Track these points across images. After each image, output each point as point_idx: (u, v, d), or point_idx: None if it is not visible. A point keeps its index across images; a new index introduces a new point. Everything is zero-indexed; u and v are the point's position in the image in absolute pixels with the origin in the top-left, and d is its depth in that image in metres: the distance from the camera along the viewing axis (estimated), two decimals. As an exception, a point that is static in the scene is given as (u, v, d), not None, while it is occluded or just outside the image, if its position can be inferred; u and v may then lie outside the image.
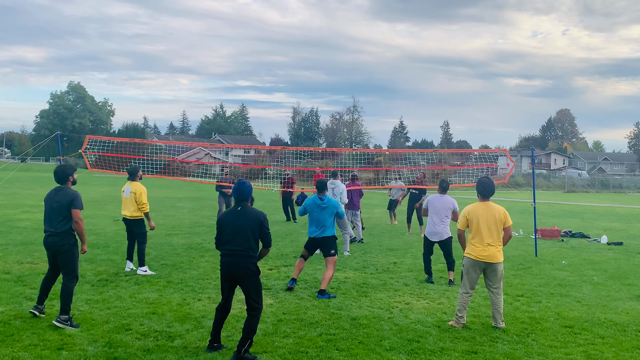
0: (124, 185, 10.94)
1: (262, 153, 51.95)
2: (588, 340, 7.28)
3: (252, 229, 6.42)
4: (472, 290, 7.83)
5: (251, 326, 6.31)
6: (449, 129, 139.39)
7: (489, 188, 7.87)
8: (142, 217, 10.64)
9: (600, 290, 10.28)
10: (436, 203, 10.64)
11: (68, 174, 7.54)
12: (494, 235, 7.67)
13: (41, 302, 7.52)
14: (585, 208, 33.29)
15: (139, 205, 10.50)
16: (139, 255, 10.50)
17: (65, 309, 7.16)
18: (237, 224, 6.44)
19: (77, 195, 7.41)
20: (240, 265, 6.37)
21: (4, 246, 12.81)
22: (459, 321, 7.70)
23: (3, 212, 20.01)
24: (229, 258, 6.43)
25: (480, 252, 7.67)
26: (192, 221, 19.26)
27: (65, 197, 7.34)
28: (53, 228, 7.33)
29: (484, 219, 7.70)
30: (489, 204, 7.82)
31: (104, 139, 16.02)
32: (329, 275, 9.33)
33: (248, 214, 6.48)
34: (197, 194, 33.71)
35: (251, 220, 6.44)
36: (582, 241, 17.21)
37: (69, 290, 7.26)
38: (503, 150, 17.06)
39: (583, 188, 59.85)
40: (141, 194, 10.53)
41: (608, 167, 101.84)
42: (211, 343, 6.47)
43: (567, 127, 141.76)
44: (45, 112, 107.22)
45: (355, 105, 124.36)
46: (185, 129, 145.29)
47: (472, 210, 7.83)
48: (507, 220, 7.79)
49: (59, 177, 7.51)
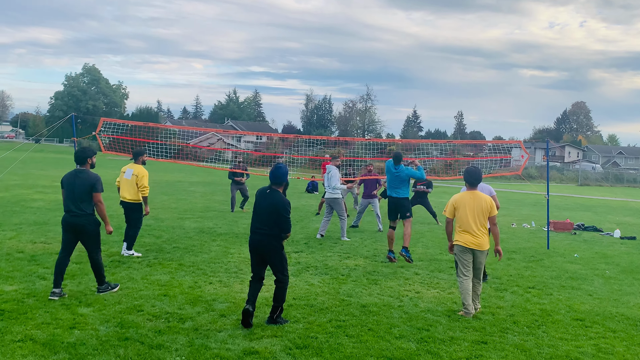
0: (125, 166, 10.81)
1: (274, 140, 51.98)
2: (599, 333, 7.24)
3: (271, 213, 6.88)
4: (470, 274, 7.79)
5: (280, 295, 6.94)
6: (463, 120, 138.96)
7: (475, 176, 7.98)
8: (141, 201, 10.51)
9: (612, 284, 10.22)
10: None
11: (87, 156, 7.85)
12: (480, 224, 7.77)
13: (58, 285, 7.56)
14: (598, 202, 33.06)
15: (140, 188, 10.34)
16: (131, 239, 10.41)
17: (101, 279, 7.77)
18: (261, 205, 7.00)
19: (98, 179, 7.71)
20: (265, 243, 6.93)
21: (18, 226, 12.93)
22: (468, 310, 7.67)
23: (17, 192, 20.19)
24: (255, 236, 7.01)
25: (468, 239, 7.76)
26: (204, 205, 19.33)
27: (87, 180, 7.62)
28: (78, 209, 7.56)
29: (470, 207, 7.79)
30: (476, 193, 7.90)
31: (118, 122, 16.07)
32: (408, 232, 11.17)
33: (272, 198, 6.94)
34: (210, 179, 33.82)
35: (271, 206, 6.90)
36: (594, 235, 17.10)
37: (98, 262, 7.75)
38: (518, 142, 16.90)
39: (597, 181, 59.45)
40: (143, 176, 10.40)
41: (622, 161, 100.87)
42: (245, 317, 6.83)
43: (582, 119, 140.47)
44: (59, 94, 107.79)
45: (369, 94, 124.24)
46: (199, 114, 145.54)
47: (460, 199, 7.91)
48: (493, 209, 7.86)
49: (79, 158, 7.82)
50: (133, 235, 10.44)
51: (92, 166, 7.91)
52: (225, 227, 14.41)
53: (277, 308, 6.93)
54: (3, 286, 7.88)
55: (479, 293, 7.94)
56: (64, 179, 7.77)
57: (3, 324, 6.37)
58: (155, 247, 11.26)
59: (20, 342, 5.85)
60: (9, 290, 7.68)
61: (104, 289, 7.81)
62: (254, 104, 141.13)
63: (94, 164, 7.95)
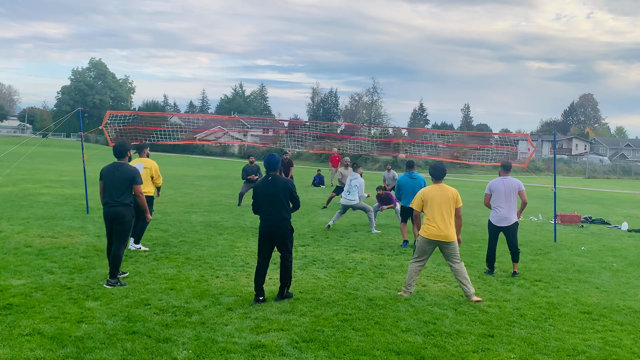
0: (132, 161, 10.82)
1: (281, 134, 51.90)
2: (606, 326, 7.22)
3: (283, 195, 7.48)
4: (421, 263, 8.25)
5: (287, 274, 7.58)
6: (470, 112, 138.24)
7: (440, 170, 8.36)
8: (152, 194, 10.61)
9: (619, 277, 10.19)
10: (500, 186, 9.92)
11: (127, 150, 8.31)
12: (447, 215, 8.11)
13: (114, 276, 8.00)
14: (606, 194, 32.92)
15: (156, 178, 10.60)
16: (139, 232, 10.45)
17: (114, 273, 7.92)
18: (270, 191, 7.49)
19: (137, 172, 8.16)
20: (280, 227, 7.49)
21: (26, 220, 13.00)
22: (407, 290, 8.17)
23: (24, 186, 20.28)
24: (269, 222, 7.48)
25: (434, 231, 8.07)
26: (211, 199, 19.36)
27: (127, 173, 8.06)
28: (116, 200, 7.95)
29: (437, 200, 8.13)
30: (443, 186, 8.26)
31: (124, 113, 16.07)
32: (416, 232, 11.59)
33: (278, 182, 7.53)
34: (216, 173, 33.86)
35: (281, 188, 7.50)
36: (602, 227, 17.03)
37: (119, 256, 7.98)
38: (524, 135, 16.85)
39: (604, 174, 59.16)
40: (156, 168, 10.67)
41: (630, 153, 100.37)
42: (257, 297, 7.46)
43: (590, 112, 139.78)
44: (66, 88, 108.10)
45: (375, 87, 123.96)
46: (205, 108, 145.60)
47: (427, 192, 8.28)
48: (458, 201, 8.24)
49: (119, 152, 8.23)
50: (141, 228, 10.47)
51: (130, 159, 8.44)
52: (231, 221, 14.44)
53: (284, 285, 7.60)
54: (11, 280, 7.92)
55: (467, 276, 8.18)
56: (103, 171, 8.19)
57: (11, 317, 6.41)
58: (162, 241, 11.30)
59: (28, 335, 5.88)
60: (17, 285, 7.72)
61: (113, 283, 7.86)
62: (260, 97, 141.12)
63: (132, 157, 8.50)
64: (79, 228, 12.33)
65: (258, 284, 7.49)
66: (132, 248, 10.32)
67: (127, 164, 8.24)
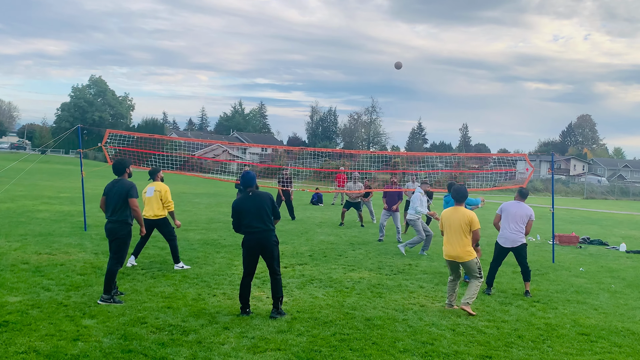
0: (145, 186, 10.87)
1: (280, 152, 52.06)
2: (604, 348, 7.20)
3: (267, 207, 7.70)
4: (453, 277, 8.73)
5: (277, 288, 7.67)
6: (468, 132, 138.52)
7: (461, 193, 8.68)
8: (166, 215, 10.65)
9: (618, 298, 10.16)
10: (512, 209, 10.15)
11: (125, 166, 8.42)
12: (459, 237, 8.43)
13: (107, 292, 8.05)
14: (604, 215, 32.93)
15: (165, 203, 10.59)
16: (173, 253, 10.55)
17: (107, 289, 7.91)
18: (254, 206, 7.68)
19: (133, 186, 8.23)
20: (267, 239, 7.63)
21: (23, 236, 12.97)
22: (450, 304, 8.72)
23: (23, 202, 20.26)
24: (257, 235, 7.62)
25: (448, 251, 8.54)
26: (209, 217, 19.35)
27: (123, 187, 8.18)
28: (110, 217, 8.11)
29: (451, 222, 8.53)
30: (458, 209, 8.60)
31: (124, 134, 16.13)
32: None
33: (261, 196, 7.77)
34: (214, 190, 33.86)
35: (264, 201, 7.73)
36: (600, 248, 17.02)
37: (113, 273, 7.99)
38: (522, 155, 16.89)
39: (602, 195, 59.22)
40: (166, 192, 10.67)
41: (628, 174, 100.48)
42: (243, 309, 7.68)
43: (588, 132, 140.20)
44: (66, 105, 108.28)
45: (374, 106, 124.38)
46: (204, 125, 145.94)
47: (444, 214, 8.74)
48: (473, 224, 8.50)
49: (117, 170, 8.38)
50: (174, 249, 10.56)
51: (129, 175, 8.52)
52: (229, 239, 14.41)
53: (278, 299, 7.66)
54: (7, 297, 7.89)
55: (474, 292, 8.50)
56: (107, 187, 8.37)
57: (7, 335, 6.38)
58: (160, 259, 11.27)
59: (24, 353, 5.85)
60: (14, 302, 7.69)
61: (106, 299, 7.87)
62: (259, 115, 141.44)
63: (131, 173, 8.57)
64: (77, 245, 12.30)
65: (244, 298, 7.71)
66: (177, 268, 10.39)
67: (125, 179, 8.33)
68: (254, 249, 7.67)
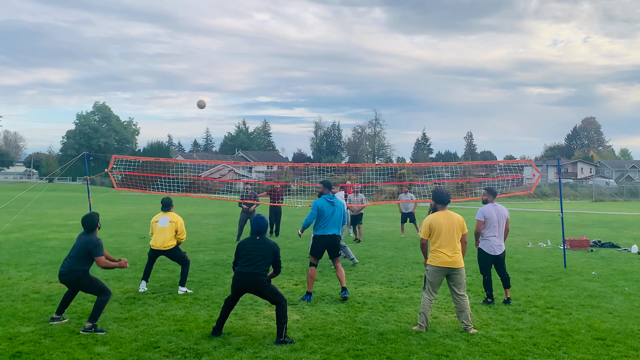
0: (156, 215, 10.84)
1: (285, 169, 52.11)
2: (621, 352, 7.12)
3: (268, 256, 7.64)
4: (435, 295, 8.21)
5: (282, 315, 7.44)
6: (473, 140, 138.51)
7: (445, 195, 8.39)
8: (175, 244, 10.61)
9: (632, 300, 10.07)
10: (493, 214, 9.76)
11: (96, 223, 8.30)
12: (455, 242, 8.12)
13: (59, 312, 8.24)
14: (614, 217, 32.73)
15: (180, 234, 10.56)
16: (183, 276, 10.51)
17: (93, 318, 7.77)
18: (256, 250, 7.63)
19: (98, 244, 8.07)
20: (256, 279, 7.51)
21: (33, 266, 12.99)
22: (422, 325, 8.03)
23: (32, 232, 20.32)
24: (246, 276, 7.54)
25: (445, 258, 8.06)
26: (218, 237, 19.35)
27: (90, 242, 8.06)
28: (69, 262, 8.15)
29: (445, 227, 8.12)
30: (449, 212, 8.28)
31: (129, 158, 16.21)
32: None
33: (265, 244, 7.71)
34: (222, 211, 33.88)
35: (268, 250, 7.67)
36: (611, 251, 16.90)
37: (103, 301, 7.93)
38: (528, 161, 16.85)
39: (611, 197, 58.92)
40: (182, 224, 10.65)
41: (636, 175, 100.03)
42: (216, 330, 7.61)
43: (593, 135, 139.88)
44: (71, 133, 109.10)
45: (377, 118, 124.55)
46: (209, 146, 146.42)
47: (435, 219, 8.21)
48: (464, 227, 8.30)
49: (87, 226, 8.22)
50: (184, 273, 10.53)
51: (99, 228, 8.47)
52: (239, 259, 14.37)
53: (282, 326, 7.41)
54: (20, 327, 7.90)
55: (469, 313, 8.09)
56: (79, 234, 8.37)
57: (20, 366, 6.37)
58: (170, 282, 11.26)
59: (37, 384, 5.84)
60: (26, 332, 7.69)
61: (87, 328, 7.67)
62: (263, 133, 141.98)
63: (100, 226, 8.49)
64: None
65: (222, 320, 7.67)
66: (180, 292, 10.33)
67: (93, 236, 8.16)
68: (240, 288, 7.63)
